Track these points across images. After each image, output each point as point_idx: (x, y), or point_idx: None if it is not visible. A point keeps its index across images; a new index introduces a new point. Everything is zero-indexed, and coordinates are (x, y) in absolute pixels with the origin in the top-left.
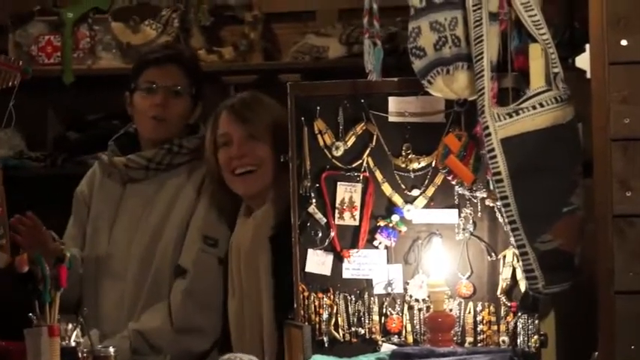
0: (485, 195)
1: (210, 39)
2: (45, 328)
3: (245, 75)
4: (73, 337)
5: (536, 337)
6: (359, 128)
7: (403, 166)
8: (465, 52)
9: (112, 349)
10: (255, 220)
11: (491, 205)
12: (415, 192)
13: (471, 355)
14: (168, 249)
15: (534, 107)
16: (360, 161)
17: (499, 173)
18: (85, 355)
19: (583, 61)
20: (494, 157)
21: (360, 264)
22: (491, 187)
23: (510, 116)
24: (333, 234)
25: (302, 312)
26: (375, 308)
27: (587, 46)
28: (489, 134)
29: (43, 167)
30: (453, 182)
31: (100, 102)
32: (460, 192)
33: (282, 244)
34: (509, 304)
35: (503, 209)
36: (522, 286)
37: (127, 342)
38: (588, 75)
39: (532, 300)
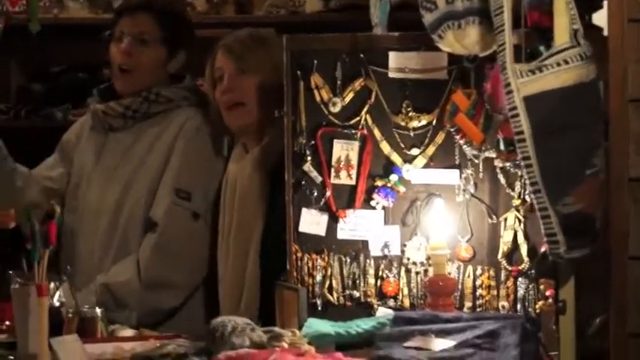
0: (494, 155)
1: None
2: (33, 287)
3: (217, 29)
4: (57, 297)
5: (541, 302)
6: (357, 84)
7: (403, 124)
8: (477, 6)
9: (98, 310)
10: (252, 155)
11: (500, 165)
12: (415, 151)
13: (480, 321)
14: (139, 201)
15: (558, 64)
16: (358, 118)
17: (521, 132)
18: (70, 315)
19: (600, 18)
20: (517, 115)
21: (356, 225)
22: (501, 147)
23: (533, 73)
24: (328, 193)
25: (295, 273)
26: (371, 271)
27: (605, 2)
28: (511, 91)
29: (6, 119)
30: (461, 141)
31: (65, 53)
32: (468, 152)
33: (281, 182)
34: (509, 269)
35: (524, 170)
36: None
37: (92, 296)
38: (605, 32)
39: (550, 265)
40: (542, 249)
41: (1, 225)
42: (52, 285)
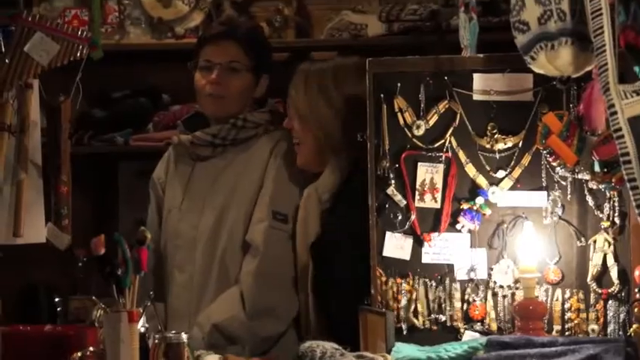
0: (587, 177)
1: (242, 15)
2: (125, 314)
3: (278, 52)
4: (141, 322)
5: (635, 325)
6: (441, 106)
7: (488, 146)
8: (570, 27)
9: (184, 336)
10: (308, 190)
11: (595, 187)
12: (500, 173)
13: (578, 345)
14: (236, 227)
15: None
16: (443, 141)
17: (627, 154)
18: (157, 342)
19: None
20: (622, 136)
21: (442, 248)
22: (596, 169)
23: (638, 94)
24: (413, 217)
25: (379, 298)
26: (457, 294)
27: None
28: (615, 113)
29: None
30: (554, 163)
31: (126, 78)
32: (560, 174)
33: (333, 221)
34: (599, 292)
35: (630, 192)
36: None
37: (200, 336)
38: None
39: None
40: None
41: (92, 251)
42: None
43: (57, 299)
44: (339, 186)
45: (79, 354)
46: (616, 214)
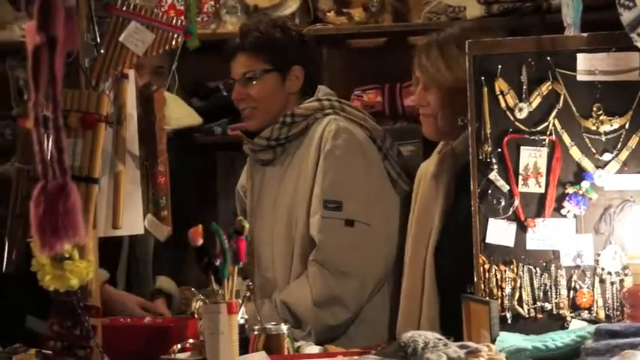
0: None
1: (339, 0)
2: (224, 305)
3: (372, 38)
4: (240, 314)
5: None
6: (544, 88)
7: (593, 128)
8: None
9: (284, 327)
10: (439, 156)
11: None
12: (607, 156)
13: None
14: (303, 226)
15: None
16: (546, 124)
17: None
18: (256, 333)
19: None
20: None
21: (546, 234)
22: None
23: None
24: (516, 202)
25: (483, 286)
26: (563, 282)
27: None
28: None
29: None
30: None
31: (224, 68)
32: None
33: (464, 188)
34: None
35: None
36: None
37: (275, 312)
38: None
39: None
40: None
41: (190, 242)
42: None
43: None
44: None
45: (179, 346)
46: None
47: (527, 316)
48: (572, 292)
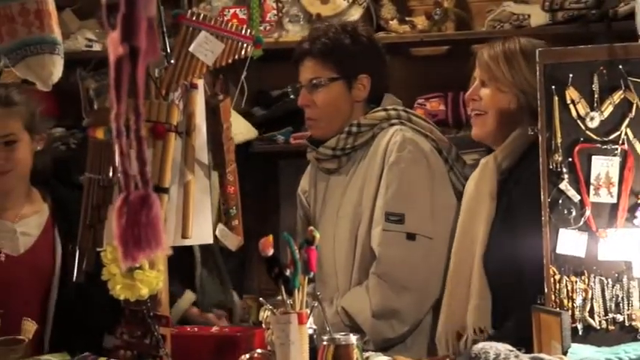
0: None
1: (401, 8)
2: (295, 315)
3: (435, 46)
4: (309, 324)
5: None
6: (616, 97)
7: None
8: None
9: (353, 337)
10: (484, 162)
11: None
12: None
13: None
14: (366, 237)
15: None
16: (618, 133)
17: None
18: (325, 343)
19: None
20: None
21: (619, 244)
22: None
23: None
24: (587, 212)
25: (553, 297)
26: (636, 293)
27: None
28: None
29: None
30: None
31: (286, 76)
32: None
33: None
34: None
35: None
36: None
37: (337, 317)
38: None
39: None
40: None
41: (260, 252)
42: None
43: None
44: (519, 157)
45: (247, 356)
46: None
47: (598, 327)
48: None
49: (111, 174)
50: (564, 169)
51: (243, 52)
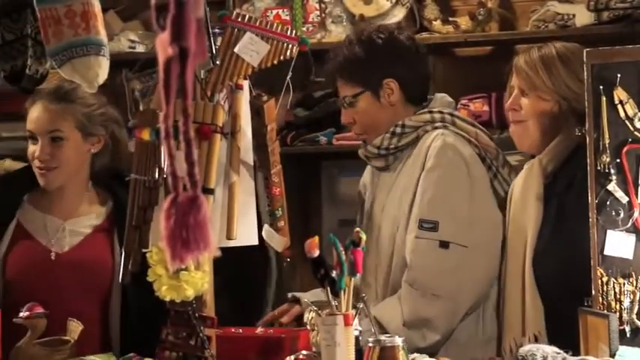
0: None
1: (445, 9)
2: (341, 317)
3: (479, 47)
4: (354, 325)
5: None
6: None
7: None
8: None
9: (399, 340)
10: (529, 166)
11: None
12: None
13: None
14: (401, 240)
15: None
16: None
17: None
18: (371, 345)
19: None
20: None
21: None
22: None
23: None
24: (636, 214)
25: (600, 299)
26: None
27: None
28: None
29: None
30: None
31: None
32: None
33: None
34: None
35: None
36: None
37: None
38: None
39: None
40: None
41: (307, 253)
42: None
43: None
44: (564, 159)
45: (292, 357)
46: None
47: None
48: None
49: (157, 175)
50: (612, 170)
51: (288, 54)
